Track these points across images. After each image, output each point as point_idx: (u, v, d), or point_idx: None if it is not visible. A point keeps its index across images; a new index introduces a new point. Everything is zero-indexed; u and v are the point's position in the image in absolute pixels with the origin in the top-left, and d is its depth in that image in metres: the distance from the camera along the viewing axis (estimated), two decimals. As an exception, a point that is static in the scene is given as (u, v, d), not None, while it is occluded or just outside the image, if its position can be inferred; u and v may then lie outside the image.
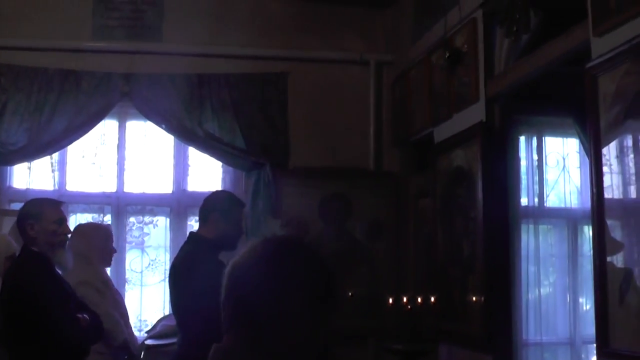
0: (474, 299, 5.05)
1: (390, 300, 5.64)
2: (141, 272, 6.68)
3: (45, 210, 4.51)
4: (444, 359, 5.53)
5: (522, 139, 6.19)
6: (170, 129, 6.51)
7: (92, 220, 6.51)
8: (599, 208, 3.67)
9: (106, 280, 5.58)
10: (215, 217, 4.78)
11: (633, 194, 3.50)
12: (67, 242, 4.72)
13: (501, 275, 4.93)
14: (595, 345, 6.22)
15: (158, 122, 6.51)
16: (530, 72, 4.58)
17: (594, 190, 3.70)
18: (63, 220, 4.59)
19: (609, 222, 3.64)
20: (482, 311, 4.91)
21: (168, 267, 6.38)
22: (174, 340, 5.21)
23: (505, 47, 4.88)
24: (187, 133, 6.50)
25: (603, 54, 3.64)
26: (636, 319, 3.37)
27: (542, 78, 4.66)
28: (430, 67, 5.84)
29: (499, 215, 4.98)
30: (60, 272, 4.66)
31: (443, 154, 5.61)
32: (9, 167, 6.58)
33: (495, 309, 4.87)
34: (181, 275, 4.65)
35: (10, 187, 6.61)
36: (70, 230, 4.75)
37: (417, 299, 5.56)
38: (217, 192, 5.41)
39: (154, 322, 6.25)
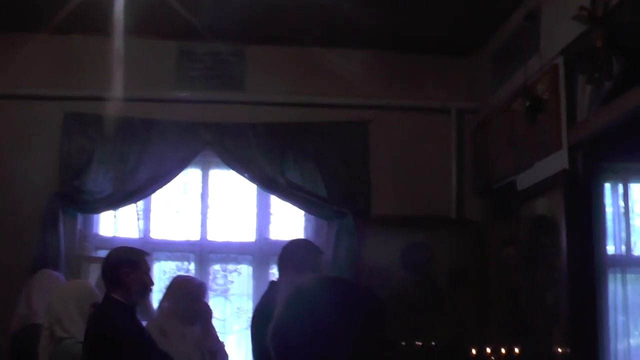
0: (560, 350, 4.94)
1: (474, 351, 5.56)
2: (224, 319, 6.70)
3: (142, 260, 4.59)
4: (528, 412, 5.41)
5: (608, 186, 6.07)
6: (252, 177, 6.57)
7: (176, 269, 6.60)
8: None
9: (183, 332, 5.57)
10: (293, 265, 4.78)
11: None
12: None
13: (588, 326, 4.81)
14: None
15: (240, 171, 6.58)
16: (613, 119, 4.50)
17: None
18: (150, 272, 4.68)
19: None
20: (570, 363, 4.80)
21: (251, 314, 6.45)
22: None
23: (588, 94, 4.81)
24: (269, 181, 6.55)
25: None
26: None
27: (627, 124, 4.57)
28: (511, 114, 5.79)
29: (585, 264, 4.87)
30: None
31: (526, 203, 5.54)
32: (95, 215, 6.73)
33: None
34: (260, 324, 4.66)
35: (96, 235, 6.76)
36: (153, 282, 4.81)
37: (500, 350, 5.46)
38: (295, 240, 5.38)
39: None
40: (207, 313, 5.61)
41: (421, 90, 6.81)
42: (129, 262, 4.51)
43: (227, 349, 5.71)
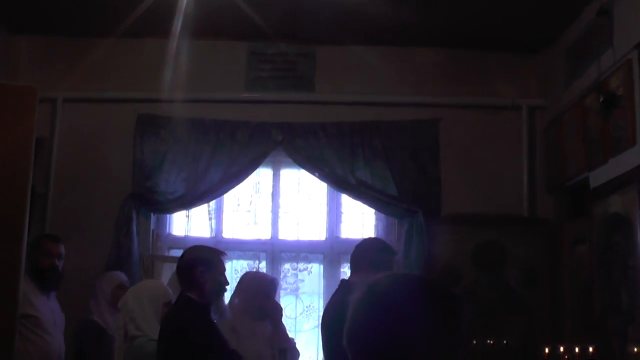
0: (635, 350, 4.86)
1: (547, 350, 5.49)
2: (295, 318, 6.74)
3: (218, 259, 4.60)
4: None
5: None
6: (323, 176, 6.61)
7: (247, 268, 6.66)
8: None
9: (254, 329, 5.59)
10: (365, 264, 4.77)
11: None
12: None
13: (663, 325, 4.74)
14: None
15: (311, 170, 6.62)
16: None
17: None
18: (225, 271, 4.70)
19: None
20: (645, 362, 4.73)
21: (321, 313, 6.47)
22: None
23: (663, 88, 4.74)
24: (339, 181, 6.57)
25: None
26: None
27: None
28: (584, 111, 5.72)
29: (660, 263, 4.80)
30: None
31: (599, 200, 5.47)
32: (168, 215, 6.84)
33: (658, 360, 4.68)
34: (332, 323, 4.67)
35: (169, 235, 6.87)
36: (228, 282, 4.82)
37: (574, 349, 5.39)
38: (367, 239, 5.37)
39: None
40: (278, 310, 5.61)
41: (491, 88, 6.78)
42: (205, 262, 4.52)
43: (297, 346, 5.70)
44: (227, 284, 4.71)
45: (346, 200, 6.86)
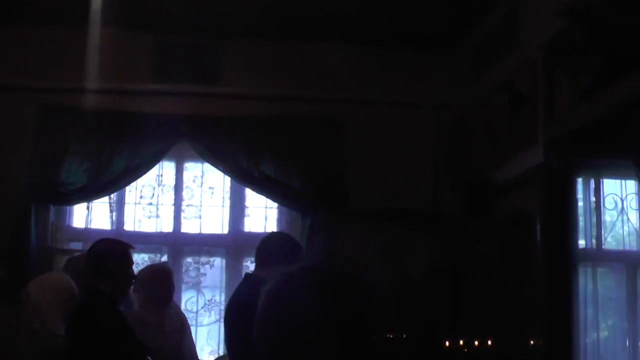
0: (533, 342, 5.00)
1: (447, 343, 5.60)
2: (196, 312, 6.69)
3: (128, 252, 4.56)
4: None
5: (580, 180, 6.15)
6: (227, 170, 6.57)
7: (149, 261, 6.58)
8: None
9: (161, 320, 5.58)
10: (271, 259, 4.78)
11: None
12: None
13: (562, 319, 4.87)
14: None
15: (215, 164, 6.58)
16: (592, 114, 4.56)
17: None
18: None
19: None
20: (543, 355, 4.86)
21: (223, 307, 6.44)
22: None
23: (567, 89, 4.86)
24: (244, 174, 6.55)
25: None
26: None
27: (604, 120, 4.63)
28: (489, 110, 5.85)
29: (559, 259, 4.94)
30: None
31: (502, 197, 5.60)
32: (68, 207, 6.69)
33: (555, 352, 4.81)
34: (236, 316, 4.66)
35: (69, 227, 6.72)
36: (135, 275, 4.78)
37: (473, 342, 5.51)
38: (274, 233, 5.43)
39: (210, 362, 6.27)
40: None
41: (399, 86, 6.83)
42: (116, 254, 4.48)
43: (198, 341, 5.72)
44: (135, 277, 4.67)
45: (250, 194, 6.83)
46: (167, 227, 6.81)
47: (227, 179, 6.77)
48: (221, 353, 6.35)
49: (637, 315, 6.31)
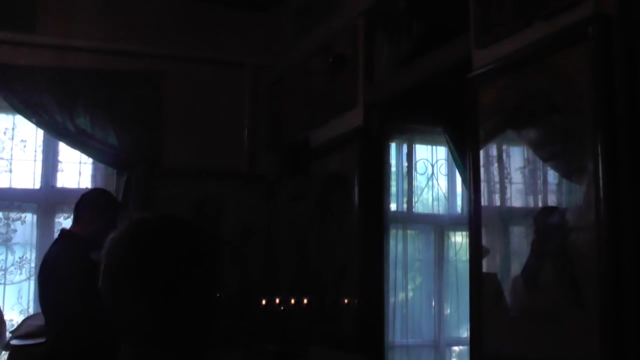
0: (346, 301, 5.12)
1: (263, 302, 5.67)
2: (5, 270, 6.46)
3: None
4: (316, 361, 5.58)
5: (394, 145, 6.33)
6: (40, 123, 6.33)
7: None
8: (475, 214, 3.80)
9: None
10: (90, 215, 4.70)
11: (498, 201, 3.67)
12: None
13: (374, 279, 5.01)
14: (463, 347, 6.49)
15: (28, 116, 6.32)
16: (410, 80, 4.69)
17: (472, 196, 3.82)
18: None
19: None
20: (356, 314, 4.99)
21: (35, 264, 6.26)
22: (40, 340, 5.07)
23: (387, 55, 4.97)
24: (58, 128, 6.32)
25: (484, 65, 3.77)
26: (508, 320, 3.51)
27: (420, 87, 4.77)
28: (308, 71, 5.91)
29: (374, 220, 5.06)
30: None
31: (319, 159, 5.67)
32: None
33: (367, 311, 4.95)
34: (51, 273, 4.56)
35: None
36: None
37: (290, 301, 5.60)
38: (93, 189, 5.33)
39: (19, 321, 6.07)
40: None
41: (219, 44, 6.79)
42: None
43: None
44: None
45: (64, 148, 6.62)
46: (-26, 181, 6.52)
47: (40, 132, 6.53)
48: (32, 312, 6.18)
49: (442, 276, 6.59)
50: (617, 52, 2.95)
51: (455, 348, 6.71)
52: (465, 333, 6.30)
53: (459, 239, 6.63)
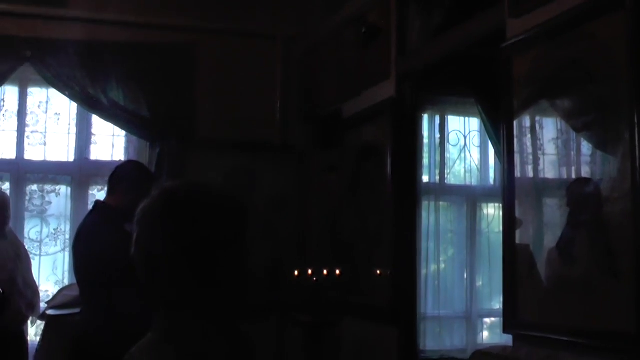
0: (379, 272, 5.13)
1: (296, 273, 5.68)
2: (40, 241, 6.53)
3: None
4: (348, 331, 5.59)
5: (426, 117, 6.31)
6: (74, 96, 6.38)
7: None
8: (509, 186, 3.78)
9: None
10: (124, 187, 4.71)
11: (531, 173, 3.66)
12: None
13: (407, 250, 5.01)
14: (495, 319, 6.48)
15: (61, 89, 6.36)
16: (442, 51, 4.67)
17: (506, 168, 3.81)
18: None
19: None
20: (388, 285, 4.99)
21: (69, 236, 6.31)
22: (75, 310, 5.13)
23: (419, 25, 4.94)
24: (91, 101, 6.37)
25: (518, 35, 3.74)
26: (541, 291, 3.50)
27: (451, 58, 4.75)
28: (340, 42, 5.88)
29: (406, 191, 5.05)
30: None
31: (351, 130, 5.67)
32: None
33: (400, 282, 4.95)
34: (86, 244, 4.58)
35: None
36: None
37: (322, 272, 5.61)
38: (128, 162, 5.36)
39: (55, 292, 6.15)
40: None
41: (250, 15, 6.75)
42: None
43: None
44: None
45: (97, 121, 6.67)
46: (10, 153, 6.57)
47: (74, 105, 6.57)
48: (67, 283, 6.25)
49: (474, 248, 6.58)
50: (654, 20, 2.92)
51: (487, 320, 6.71)
52: (497, 305, 6.30)
53: (492, 211, 6.62)
